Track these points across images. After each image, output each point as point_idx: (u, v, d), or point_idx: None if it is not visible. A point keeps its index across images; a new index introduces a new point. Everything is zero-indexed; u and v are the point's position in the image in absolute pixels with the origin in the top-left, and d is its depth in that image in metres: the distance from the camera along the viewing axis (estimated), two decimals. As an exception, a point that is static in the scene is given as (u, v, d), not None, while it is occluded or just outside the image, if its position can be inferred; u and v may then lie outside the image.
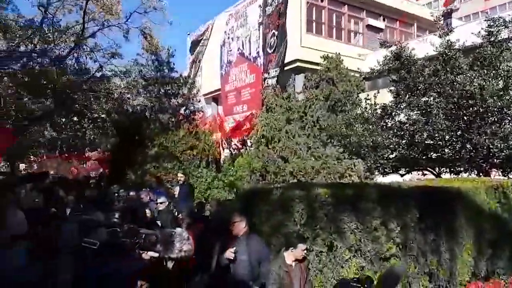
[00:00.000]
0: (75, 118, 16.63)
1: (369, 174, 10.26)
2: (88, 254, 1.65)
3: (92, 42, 14.50)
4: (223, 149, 15.61)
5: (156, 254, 2.29)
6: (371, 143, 9.15)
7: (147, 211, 6.27)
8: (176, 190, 10.30)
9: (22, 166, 24.68)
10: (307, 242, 4.55)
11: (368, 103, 9.76)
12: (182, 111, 14.76)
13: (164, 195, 8.93)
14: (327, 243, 4.88)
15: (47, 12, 12.96)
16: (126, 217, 3.04)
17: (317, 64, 15.10)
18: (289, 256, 4.17)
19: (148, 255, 2.43)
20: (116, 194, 8.18)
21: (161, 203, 7.94)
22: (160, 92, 14.22)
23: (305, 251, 4.23)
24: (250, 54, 19.29)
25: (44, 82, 12.67)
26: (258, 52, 18.57)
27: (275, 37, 17.32)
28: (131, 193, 8.44)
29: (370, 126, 9.35)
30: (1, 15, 12.82)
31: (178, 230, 2.56)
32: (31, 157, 23.17)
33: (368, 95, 10.15)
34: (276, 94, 14.18)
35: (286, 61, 16.88)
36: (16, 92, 13.09)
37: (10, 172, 18.70)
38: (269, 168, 12.06)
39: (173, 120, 13.80)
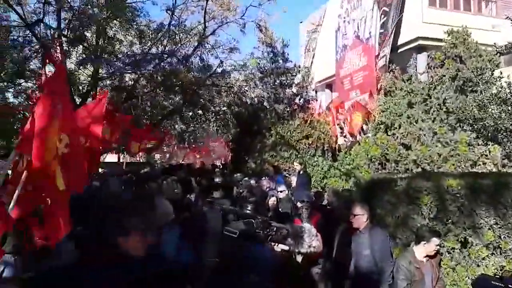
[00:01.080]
0: (199, 112, 18.10)
1: (507, 161, 9.06)
2: (228, 242, 1.81)
3: (212, 40, 15.52)
4: (339, 137, 15.34)
5: (287, 248, 2.41)
6: (511, 127, 8.07)
7: (273, 199, 6.54)
8: (293, 179, 10.51)
9: (157, 156, 27.90)
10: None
11: (505, 81, 8.60)
12: (297, 100, 14.91)
13: (284, 184, 9.20)
14: (461, 239, 4.51)
15: (173, 15, 14.24)
16: (258, 209, 3.24)
17: (441, 40, 13.74)
18: (420, 251, 3.94)
19: (279, 247, 2.57)
20: (240, 182, 8.69)
21: (281, 191, 8.20)
22: (276, 83, 14.54)
23: (438, 247, 3.96)
24: (363, 35, 18.47)
25: (174, 80, 14.02)
26: (370, 33, 17.66)
27: (387, 15, 16.27)
28: (252, 181, 8.88)
29: (509, 108, 8.24)
30: (137, 22, 14.45)
31: (307, 226, 2.64)
32: (164, 148, 26.01)
33: (501, 72, 8.93)
34: (395, 77, 13.34)
35: (405, 40, 15.73)
36: (151, 91, 14.74)
37: (147, 162, 21.24)
38: (389, 156, 11.46)
39: (288, 109, 14.02)
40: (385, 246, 4.39)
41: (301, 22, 26.24)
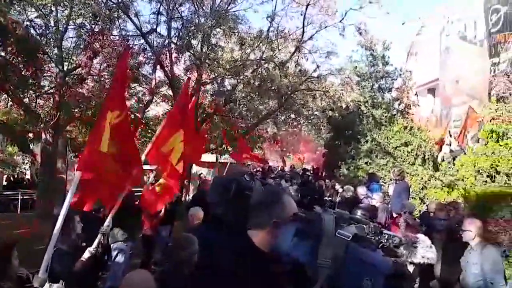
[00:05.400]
0: (292, 116, 18.26)
1: None
2: (341, 245, 1.81)
3: (310, 44, 15.56)
4: (442, 146, 14.31)
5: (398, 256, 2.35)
6: None
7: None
8: (390, 188, 10.09)
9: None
10: None
11: None
12: (396, 105, 14.27)
13: (380, 192, 8.91)
14: None
15: (272, 22, 14.63)
16: (367, 215, 3.22)
17: None
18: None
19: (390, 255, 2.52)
20: (339, 190, 8.60)
21: (374, 199, 7.95)
22: (374, 87, 14.10)
23: None
24: (475, 37, 16.97)
25: (270, 85, 14.37)
26: (484, 34, 16.11)
27: (501, 13, 14.66)
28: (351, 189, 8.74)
29: None
30: (238, 29, 15.04)
31: (421, 236, 2.57)
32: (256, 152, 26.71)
33: None
34: (510, 81, 12.10)
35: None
36: (248, 95, 15.27)
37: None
38: (500, 168, 10.41)
39: (386, 115, 13.47)
40: (497, 265, 4.06)
41: (403, 24, 25.14)
